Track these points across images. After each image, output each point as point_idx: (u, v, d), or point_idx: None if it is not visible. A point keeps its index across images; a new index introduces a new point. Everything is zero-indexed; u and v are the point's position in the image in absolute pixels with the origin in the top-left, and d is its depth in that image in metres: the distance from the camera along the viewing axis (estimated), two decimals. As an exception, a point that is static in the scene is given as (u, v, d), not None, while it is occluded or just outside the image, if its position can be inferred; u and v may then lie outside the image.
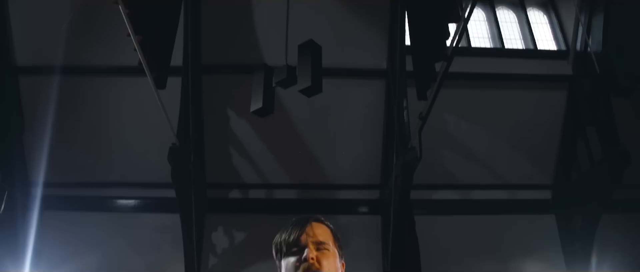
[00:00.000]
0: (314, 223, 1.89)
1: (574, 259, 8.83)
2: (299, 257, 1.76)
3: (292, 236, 1.83)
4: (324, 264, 1.76)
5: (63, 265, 7.88)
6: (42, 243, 8.07)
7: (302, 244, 1.80)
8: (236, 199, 9.44)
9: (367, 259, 9.05)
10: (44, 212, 8.61)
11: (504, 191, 9.39)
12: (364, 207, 9.60)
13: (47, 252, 7.78)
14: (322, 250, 1.81)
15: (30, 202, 8.32)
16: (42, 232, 8.23)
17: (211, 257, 8.99)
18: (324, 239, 1.85)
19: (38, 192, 8.26)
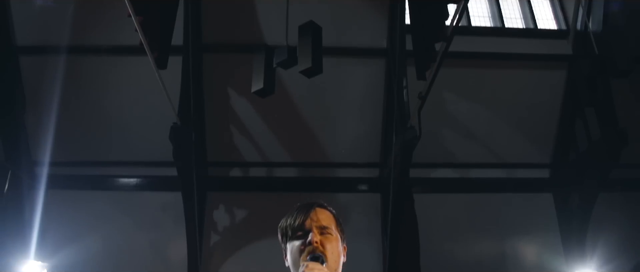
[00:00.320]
0: (317, 209, 1.96)
1: (570, 237, 8.97)
2: (304, 240, 1.84)
3: (297, 220, 1.91)
4: (327, 247, 1.84)
5: (67, 243, 7.97)
6: (45, 221, 8.17)
7: (306, 228, 1.88)
8: (237, 177, 9.52)
9: (366, 236, 9.19)
10: (48, 191, 8.72)
11: (502, 170, 9.47)
12: (364, 185, 9.69)
13: (52, 231, 7.89)
14: (325, 234, 1.88)
15: (34, 181, 8.42)
16: (45, 210, 8.34)
17: (213, 235, 9.13)
18: (327, 224, 1.91)
19: (41, 172, 8.35)
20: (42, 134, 8.30)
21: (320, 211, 1.95)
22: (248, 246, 9.03)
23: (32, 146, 8.71)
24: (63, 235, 7.98)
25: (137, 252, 8.80)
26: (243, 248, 9.04)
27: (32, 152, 8.70)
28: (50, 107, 8.20)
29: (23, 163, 8.39)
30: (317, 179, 9.57)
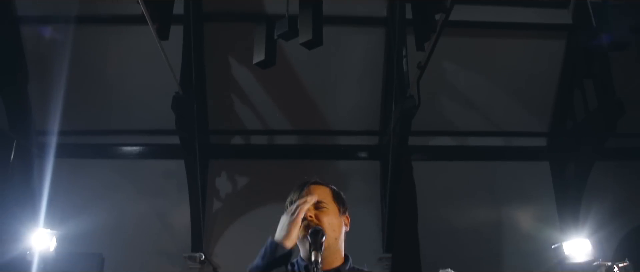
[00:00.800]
0: (311, 186, 2.06)
1: (566, 205, 9.13)
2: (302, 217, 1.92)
3: (293, 199, 2.00)
4: (323, 220, 1.95)
5: (74, 211, 8.08)
6: (51, 190, 8.31)
7: None
8: (238, 145, 9.65)
9: (366, 203, 9.34)
10: (50, 160, 8.86)
11: (500, 138, 9.58)
12: (364, 153, 9.82)
13: (56, 199, 8.00)
14: (320, 208, 1.98)
15: (39, 151, 8.53)
16: (51, 179, 8.48)
17: (215, 201, 9.30)
18: (322, 198, 2.01)
19: (45, 141, 8.46)
20: (45, 103, 8.37)
21: (315, 188, 2.05)
22: (250, 212, 9.20)
23: (36, 115, 8.81)
24: (69, 203, 8.11)
25: (142, 219, 8.97)
26: (245, 214, 9.22)
27: (36, 122, 8.80)
28: (53, 77, 8.25)
29: (28, 133, 8.49)
30: (317, 146, 9.70)
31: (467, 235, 9.00)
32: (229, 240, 9.10)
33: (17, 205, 7.27)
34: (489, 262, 8.90)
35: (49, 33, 8.30)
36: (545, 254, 8.42)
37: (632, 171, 5.46)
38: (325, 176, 7.10)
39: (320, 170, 9.37)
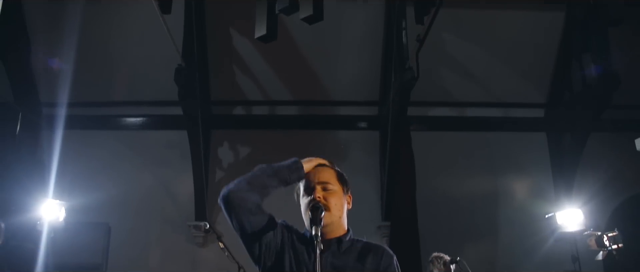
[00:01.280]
0: (319, 167, 2.22)
1: (561, 175, 9.28)
2: (310, 197, 2.12)
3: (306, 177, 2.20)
4: (330, 200, 2.12)
5: (79, 182, 8.24)
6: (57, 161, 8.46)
7: (311, 186, 2.16)
8: (240, 115, 9.75)
9: (365, 172, 9.49)
10: (57, 131, 8.98)
11: (498, 109, 9.64)
12: (363, 123, 9.90)
13: (63, 170, 8.12)
14: (328, 190, 2.15)
15: (44, 122, 8.64)
16: (55, 150, 8.60)
17: (218, 171, 9.44)
18: (328, 180, 2.18)
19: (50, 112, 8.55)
20: (48, 75, 8.46)
21: (322, 169, 2.22)
22: (252, 182, 9.37)
23: (40, 87, 8.91)
24: (75, 174, 8.23)
25: (147, 188, 9.15)
26: (247, 183, 9.37)
27: (40, 94, 8.90)
28: (56, 48, 8.33)
29: (33, 105, 8.57)
30: (317, 116, 9.78)
31: (463, 204, 9.17)
32: (232, 209, 9.26)
33: (26, 176, 7.36)
34: (484, 230, 9.13)
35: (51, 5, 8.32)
36: (539, 224, 8.63)
37: (627, 142, 5.56)
38: (326, 146, 7.35)
39: (320, 140, 9.56)
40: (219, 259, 8.26)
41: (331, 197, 2.13)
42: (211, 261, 8.74)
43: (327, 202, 2.10)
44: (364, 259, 2.09)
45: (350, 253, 2.11)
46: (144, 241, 8.94)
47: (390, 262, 2.11)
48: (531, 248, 8.81)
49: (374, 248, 2.15)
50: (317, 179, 2.16)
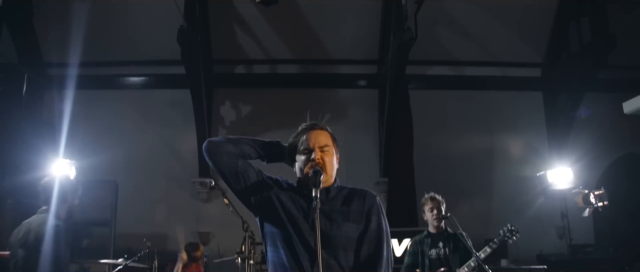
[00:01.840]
0: (317, 130, 2.42)
1: (555, 134, 9.48)
2: (309, 156, 2.33)
3: (303, 140, 2.39)
4: (326, 161, 2.33)
5: (84, 142, 8.38)
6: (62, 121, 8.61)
7: (310, 147, 2.35)
8: (241, 74, 9.88)
9: (364, 129, 9.72)
10: (62, 92, 9.11)
11: (495, 68, 9.71)
12: (363, 81, 10.02)
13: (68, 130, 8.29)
14: (325, 151, 2.36)
15: (49, 83, 8.76)
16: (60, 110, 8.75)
17: (220, 129, 9.65)
18: (325, 143, 2.38)
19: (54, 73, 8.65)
20: (51, 36, 8.52)
21: (320, 132, 2.40)
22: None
23: (43, 48, 9.00)
24: (81, 134, 8.35)
25: (151, 146, 9.37)
26: (249, 140, 9.57)
27: (43, 55, 9.01)
28: (58, 9, 8.36)
29: (36, 66, 8.67)
30: (318, 75, 9.90)
31: (459, 161, 9.40)
32: (234, 165, 9.50)
33: (34, 136, 7.50)
34: (479, 187, 9.41)
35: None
36: (532, 181, 8.86)
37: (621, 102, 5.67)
38: (326, 104, 7.51)
39: (320, 98, 9.71)
40: (223, 214, 8.55)
41: (327, 158, 2.34)
42: (215, 216, 9.04)
43: (324, 163, 2.31)
44: (350, 202, 2.32)
45: (337, 199, 2.34)
46: (150, 197, 9.21)
47: (374, 202, 2.34)
48: (524, 204, 9.07)
49: (358, 192, 2.38)
50: (317, 143, 2.35)
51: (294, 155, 2.39)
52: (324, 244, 2.06)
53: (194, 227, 9.02)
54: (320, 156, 2.30)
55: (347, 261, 2.18)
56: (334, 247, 2.16)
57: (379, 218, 2.31)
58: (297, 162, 2.36)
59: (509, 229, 4.82)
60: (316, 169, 2.24)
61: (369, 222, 2.27)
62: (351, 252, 2.20)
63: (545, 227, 8.90)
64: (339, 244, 2.18)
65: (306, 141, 2.34)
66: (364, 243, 2.23)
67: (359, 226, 2.25)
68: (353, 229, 2.24)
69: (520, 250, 8.58)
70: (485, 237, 7.33)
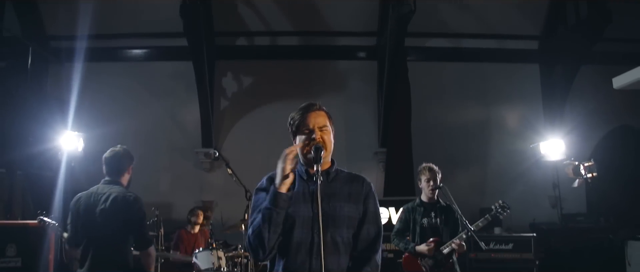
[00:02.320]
0: (317, 111, 2.57)
1: (551, 106, 9.62)
2: (309, 136, 2.50)
3: (302, 119, 2.54)
4: (325, 140, 2.50)
5: (89, 113, 8.54)
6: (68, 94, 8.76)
7: (310, 127, 2.51)
8: (243, 46, 9.98)
9: (363, 101, 9.89)
10: (64, 64, 9.30)
11: (493, 40, 9.78)
12: (362, 53, 10.13)
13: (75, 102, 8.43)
14: (323, 131, 2.53)
15: (52, 56, 8.86)
16: (65, 83, 8.91)
17: (222, 100, 9.83)
18: (324, 123, 2.54)
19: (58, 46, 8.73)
20: (55, 9, 8.58)
21: (319, 113, 2.55)
22: (255, 109, 9.78)
23: (47, 21, 9.09)
24: (82, 106, 8.42)
25: (155, 118, 9.58)
26: (250, 111, 9.78)
27: (47, 28, 9.10)
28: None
29: (40, 38, 8.75)
30: (318, 47, 9.99)
31: (456, 132, 9.59)
32: (236, 135, 9.74)
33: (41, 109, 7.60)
34: (475, 158, 9.62)
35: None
36: (527, 152, 9.03)
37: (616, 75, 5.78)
38: (326, 76, 7.68)
39: (320, 70, 9.86)
40: (225, 183, 8.77)
41: (326, 137, 2.52)
42: (218, 185, 9.29)
43: (323, 142, 2.49)
44: (350, 185, 2.52)
45: (336, 181, 2.53)
46: (154, 167, 9.39)
47: (370, 189, 2.55)
48: (518, 175, 9.28)
49: (356, 177, 2.58)
50: (316, 123, 2.52)
51: (295, 134, 2.55)
52: (327, 223, 2.28)
53: (197, 196, 9.26)
54: (320, 136, 2.47)
55: (347, 237, 2.40)
56: (336, 226, 2.37)
57: (375, 202, 2.53)
58: (297, 141, 2.52)
59: (500, 205, 5.01)
60: (317, 146, 2.41)
61: (367, 205, 2.48)
62: (351, 231, 2.42)
63: (539, 197, 9.11)
64: (341, 223, 2.39)
65: (306, 122, 2.50)
66: (365, 223, 2.45)
67: (358, 207, 2.46)
68: (354, 210, 2.44)
69: (513, 219, 8.77)
70: (480, 206, 7.59)
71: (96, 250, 3.70)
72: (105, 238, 3.71)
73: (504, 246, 6.05)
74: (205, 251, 6.23)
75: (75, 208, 3.81)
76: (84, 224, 3.76)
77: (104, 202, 3.75)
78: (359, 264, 2.38)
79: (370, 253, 2.42)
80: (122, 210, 3.74)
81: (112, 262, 3.69)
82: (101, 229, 3.71)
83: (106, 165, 3.97)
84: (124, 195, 3.82)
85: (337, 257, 2.34)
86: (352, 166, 9.07)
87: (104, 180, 3.95)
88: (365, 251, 2.42)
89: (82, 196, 3.86)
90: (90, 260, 3.68)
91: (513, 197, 8.86)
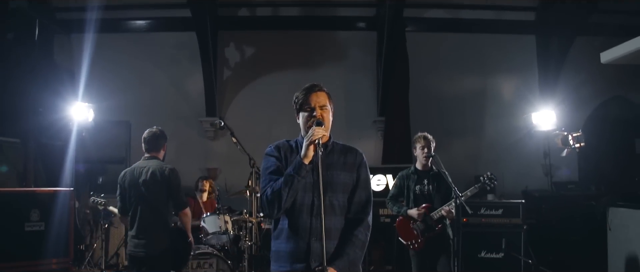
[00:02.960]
0: (318, 92, 2.85)
1: (546, 77, 9.81)
2: (311, 113, 2.80)
3: (305, 98, 2.84)
4: (325, 117, 2.80)
5: (96, 84, 8.73)
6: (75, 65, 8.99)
7: (312, 105, 2.81)
8: (245, 16, 10.13)
9: (363, 71, 10.08)
10: (71, 36, 9.49)
11: (491, 11, 9.91)
12: (362, 23, 10.27)
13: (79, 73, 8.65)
14: (324, 109, 2.83)
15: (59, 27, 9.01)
16: (70, 54, 9.10)
17: (225, 70, 10.03)
18: (324, 102, 2.84)
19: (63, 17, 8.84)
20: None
21: (320, 93, 2.84)
22: (257, 79, 10.01)
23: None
24: (93, 77, 8.66)
25: (160, 87, 9.83)
26: (253, 81, 10.01)
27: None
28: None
29: (46, 10, 8.90)
30: (318, 17, 10.14)
31: (453, 102, 9.84)
32: (239, 104, 9.99)
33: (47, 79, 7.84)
34: (471, 127, 9.90)
35: None
36: (521, 122, 9.27)
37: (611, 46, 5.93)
38: (326, 47, 7.90)
39: (321, 40, 10.07)
40: (229, 151, 9.11)
41: (325, 114, 2.82)
42: (222, 152, 9.60)
43: (323, 119, 2.79)
44: (345, 155, 2.84)
45: (334, 152, 2.84)
46: (160, 136, 9.69)
47: (362, 159, 2.87)
48: (513, 143, 9.55)
49: (350, 148, 2.89)
50: (317, 102, 2.81)
51: (298, 111, 2.86)
52: (326, 188, 2.60)
53: (202, 164, 9.55)
54: (320, 114, 2.77)
55: (343, 201, 2.72)
56: (333, 190, 2.69)
57: (366, 170, 2.85)
58: (301, 118, 2.83)
59: (489, 177, 5.30)
60: (318, 121, 2.72)
61: (360, 173, 2.80)
62: (346, 195, 2.74)
63: (532, 165, 9.36)
64: (338, 189, 2.71)
65: (308, 101, 2.80)
66: (358, 189, 2.78)
67: (352, 175, 2.78)
68: (347, 177, 2.77)
69: (507, 186, 9.13)
70: (475, 174, 7.85)
71: (142, 214, 4.41)
72: (148, 204, 4.43)
73: (494, 211, 6.33)
74: (213, 216, 6.58)
75: (121, 183, 4.52)
76: (130, 195, 4.46)
77: (145, 174, 4.46)
78: (353, 225, 2.70)
79: (363, 215, 2.74)
80: (159, 180, 4.45)
81: (155, 223, 4.44)
82: (144, 197, 4.43)
83: (145, 143, 4.70)
84: (161, 167, 4.54)
85: (334, 218, 2.66)
86: (351, 134, 9.45)
87: (144, 156, 4.68)
88: (358, 214, 2.74)
89: (127, 171, 4.57)
90: (138, 222, 4.43)
91: (507, 165, 9.30)
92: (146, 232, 4.41)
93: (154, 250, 4.38)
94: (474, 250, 6.33)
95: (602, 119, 9.84)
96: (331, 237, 2.61)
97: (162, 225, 4.50)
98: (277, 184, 2.60)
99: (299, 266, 2.59)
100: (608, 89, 9.92)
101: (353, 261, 2.63)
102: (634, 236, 5.54)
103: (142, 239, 4.40)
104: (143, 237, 4.40)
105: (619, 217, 5.89)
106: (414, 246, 5.16)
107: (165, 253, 4.46)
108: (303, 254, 2.60)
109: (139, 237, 4.41)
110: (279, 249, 2.68)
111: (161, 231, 4.46)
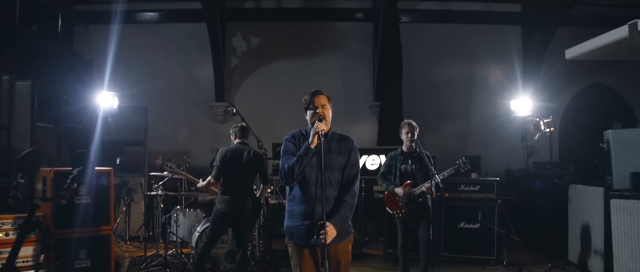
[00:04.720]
0: (320, 95, 3.65)
1: (530, 65, 10.45)
2: (314, 111, 3.59)
3: (310, 100, 3.63)
4: (326, 114, 3.60)
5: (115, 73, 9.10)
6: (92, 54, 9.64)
7: (315, 105, 3.61)
8: (251, 8, 10.77)
9: (360, 59, 10.77)
10: (89, 27, 10.16)
11: (479, 3, 10.48)
12: (359, 14, 10.87)
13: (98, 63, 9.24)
14: (324, 108, 3.62)
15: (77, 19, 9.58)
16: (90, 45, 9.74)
17: (233, 59, 10.75)
18: (325, 103, 3.63)
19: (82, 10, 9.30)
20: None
21: (321, 96, 3.64)
22: (262, 67, 10.73)
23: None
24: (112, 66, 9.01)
25: (172, 75, 10.58)
26: (258, 69, 10.73)
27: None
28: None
29: (64, 2, 9.40)
30: (319, 9, 10.78)
31: (443, 88, 10.53)
32: (246, 91, 10.72)
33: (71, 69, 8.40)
34: (460, 111, 10.62)
35: None
36: (505, 108, 9.91)
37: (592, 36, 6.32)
38: (326, 37, 8.75)
39: (321, 30, 10.72)
40: (237, 134, 9.82)
41: (326, 112, 3.62)
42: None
43: (324, 115, 3.58)
44: (340, 143, 3.62)
45: (332, 141, 3.62)
46: (173, 120, 10.56)
47: (353, 145, 3.64)
48: (497, 126, 10.24)
49: (344, 137, 3.66)
50: (319, 102, 3.60)
51: (306, 110, 3.64)
52: (326, 167, 3.39)
53: (212, 146, 10.26)
54: (322, 111, 3.56)
55: (338, 177, 3.52)
56: (331, 169, 3.49)
57: (356, 153, 3.64)
58: (308, 115, 3.61)
59: (463, 162, 6.03)
60: (320, 117, 3.52)
61: (350, 155, 3.59)
62: (340, 172, 3.54)
63: (515, 147, 9.87)
64: (335, 168, 3.51)
65: (312, 102, 3.59)
66: (347, 167, 3.56)
67: (345, 157, 3.57)
68: (342, 159, 3.56)
69: (491, 165, 9.94)
70: (464, 153, 8.54)
71: (236, 182, 5.58)
72: (242, 176, 5.62)
73: (472, 187, 7.16)
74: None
75: (222, 157, 5.65)
76: (229, 168, 5.58)
77: (247, 155, 5.67)
78: (343, 192, 3.51)
79: (351, 186, 3.54)
80: (255, 160, 5.68)
81: (244, 189, 5.62)
82: (242, 170, 5.61)
83: (239, 132, 5.90)
84: (255, 151, 5.82)
85: (331, 189, 3.46)
86: (349, 118, 10.28)
87: (238, 142, 5.84)
88: (348, 185, 3.53)
89: (227, 150, 5.73)
90: (232, 187, 5.57)
91: (492, 146, 10.04)
92: (238, 196, 5.54)
93: (243, 209, 5.53)
94: (455, 221, 7.22)
95: (582, 104, 10.49)
96: (329, 203, 3.41)
97: (249, 191, 5.69)
98: (291, 161, 3.40)
99: (306, 222, 3.40)
100: (588, 76, 10.52)
101: (344, 218, 3.43)
102: (587, 207, 6.36)
103: (235, 200, 5.53)
104: (236, 199, 5.54)
105: (576, 192, 6.72)
106: (399, 215, 5.98)
107: (249, 211, 5.59)
108: (309, 214, 3.40)
109: (233, 199, 5.53)
110: (293, 209, 3.50)
111: (248, 196, 5.62)
